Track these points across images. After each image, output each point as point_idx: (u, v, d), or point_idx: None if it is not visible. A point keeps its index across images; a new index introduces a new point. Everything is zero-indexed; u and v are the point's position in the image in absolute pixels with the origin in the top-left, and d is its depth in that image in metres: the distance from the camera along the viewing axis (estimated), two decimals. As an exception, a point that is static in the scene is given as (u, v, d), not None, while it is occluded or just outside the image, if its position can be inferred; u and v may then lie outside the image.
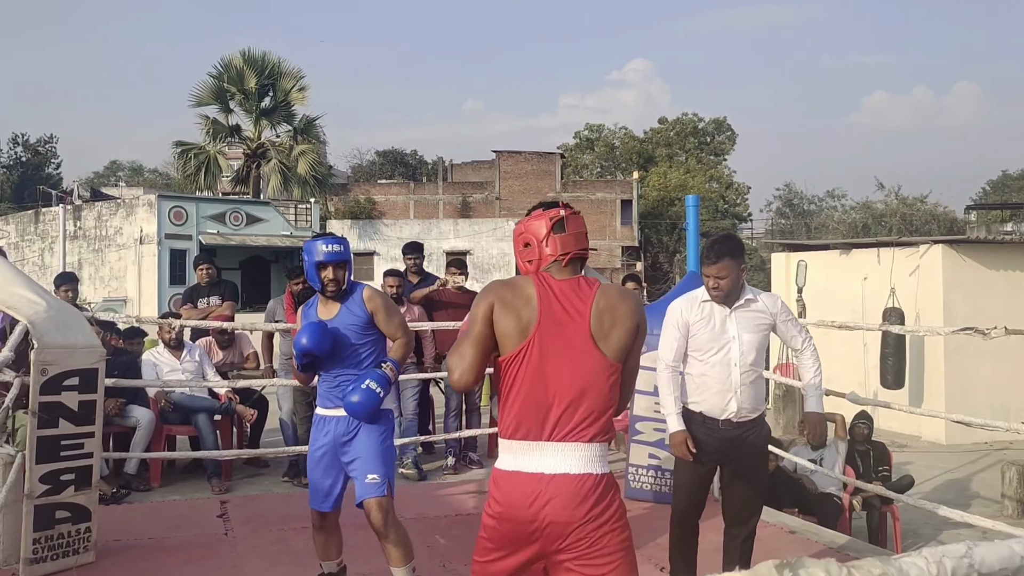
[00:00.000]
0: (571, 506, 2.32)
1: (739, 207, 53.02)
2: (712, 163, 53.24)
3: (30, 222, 30.28)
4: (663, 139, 54.04)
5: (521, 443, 2.39)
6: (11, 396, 4.50)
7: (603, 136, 56.74)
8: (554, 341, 2.41)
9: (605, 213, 44.96)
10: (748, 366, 3.87)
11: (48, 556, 4.27)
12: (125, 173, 66.46)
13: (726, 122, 54.93)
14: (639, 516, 5.48)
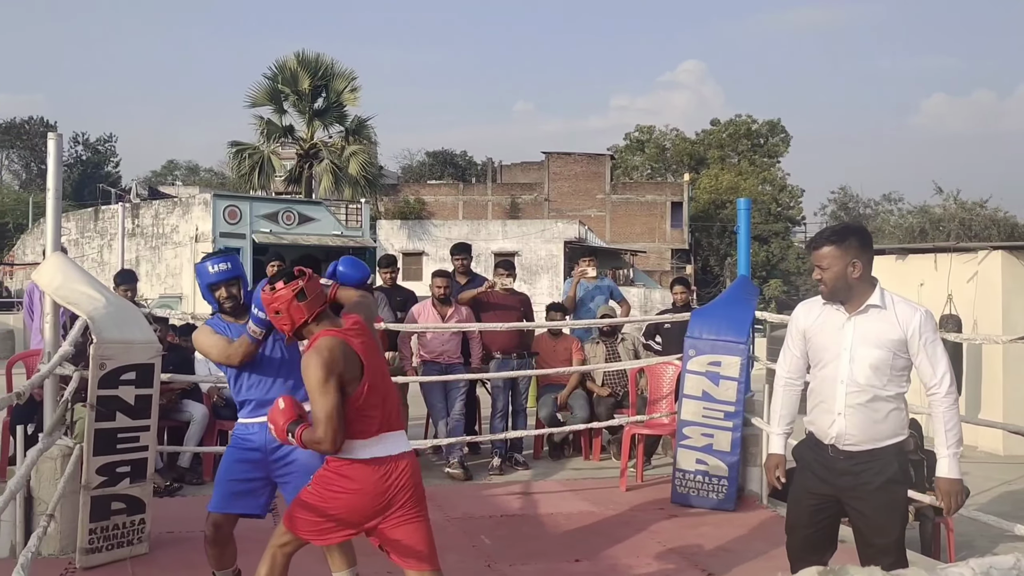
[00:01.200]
0: None
1: (792, 210, 52.35)
2: (765, 165, 52.63)
3: (90, 219, 31.05)
4: (715, 141, 53.56)
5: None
6: (70, 389, 4.62)
7: (654, 138, 56.42)
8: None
9: (655, 215, 44.70)
10: (859, 385, 3.23)
11: (103, 546, 4.39)
12: (181, 172, 67.82)
13: (780, 124, 54.31)
14: (684, 522, 5.45)
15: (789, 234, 51.08)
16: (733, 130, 53.79)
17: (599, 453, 7.47)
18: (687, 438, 5.90)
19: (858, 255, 3.23)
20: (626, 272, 38.14)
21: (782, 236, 48.99)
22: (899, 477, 3.27)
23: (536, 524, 5.39)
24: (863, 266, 3.23)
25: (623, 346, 7.77)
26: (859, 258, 3.23)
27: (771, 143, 54.35)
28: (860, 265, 3.22)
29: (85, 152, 55.23)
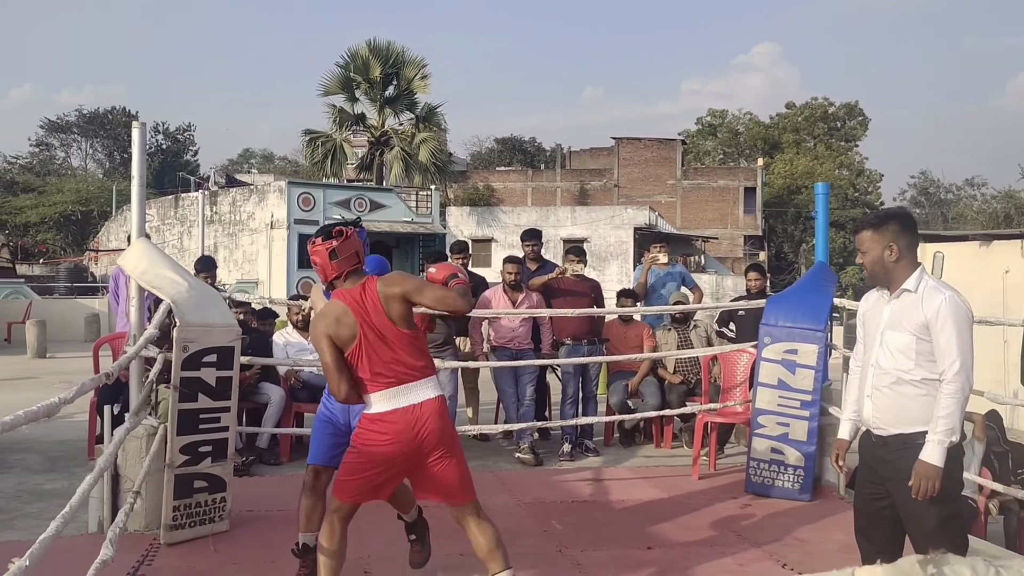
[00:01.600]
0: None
1: (870, 195, 51.04)
2: (842, 149, 51.36)
3: (170, 207, 31.92)
4: (790, 124, 52.44)
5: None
6: (155, 371, 4.77)
7: (727, 122, 55.52)
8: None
9: (727, 201, 44.01)
10: (883, 368, 3.26)
11: (186, 523, 4.52)
12: (257, 160, 69.25)
13: (858, 107, 52.92)
14: (759, 512, 5.38)
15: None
16: (809, 113, 52.59)
17: (671, 441, 7.42)
18: (762, 427, 5.81)
19: (895, 239, 3.27)
20: (697, 259, 37.68)
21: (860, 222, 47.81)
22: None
23: (607, 510, 5.38)
24: (899, 250, 3.27)
25: (695, 333, 7.68)
26: (896, 242, 3.27)
27: (848, 126, 53.00)
28: (897, 249, 3.26)
29: (165, 141, 56.75)
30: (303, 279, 27.18)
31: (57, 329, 17.97)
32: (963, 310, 3.20)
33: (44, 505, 5.37)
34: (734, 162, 51.55)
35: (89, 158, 57.28)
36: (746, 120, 55.31)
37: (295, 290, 26.44)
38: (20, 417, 2.25)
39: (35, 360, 15.31)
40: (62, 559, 3.74)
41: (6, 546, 4.39)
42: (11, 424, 2.20)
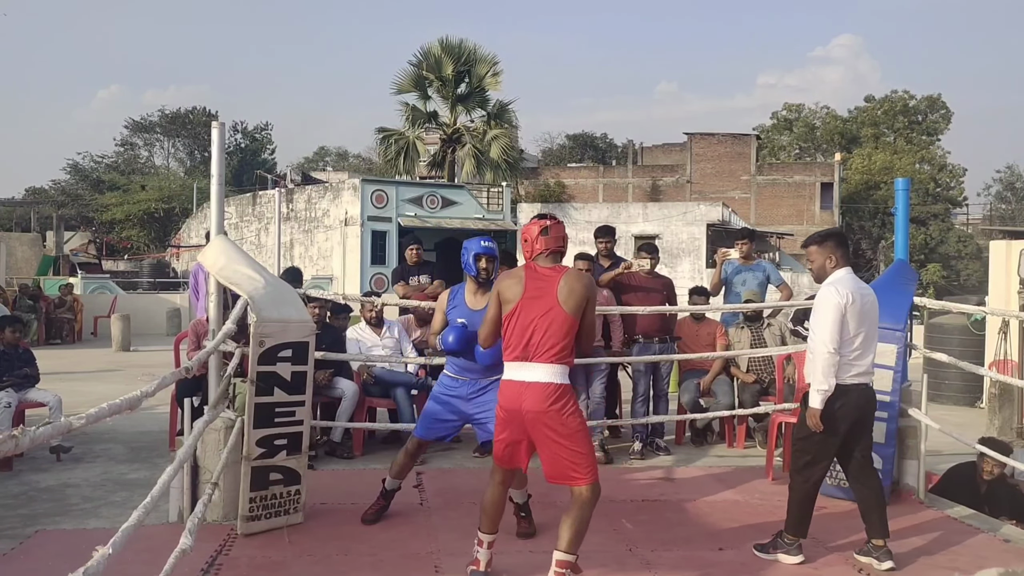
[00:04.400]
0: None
1: (953, 191, 49.42)
2: (923, 143, 49.82)
3: (248, 204, 32.67)
4: (869, 118, 51.06)
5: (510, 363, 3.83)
6: (232, 365, 4.89)
7: (803, 116, 54.36)
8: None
9: (803, 197, 43.10)
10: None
11: (262, 515, 4.62)
12: (332, 158, 70.31)
13: (940, 99, 51.25)
14: (834, 515, 5.25)
15: (949, 216, 48.28)
16: (888, 107, 51.14)
17: (743, 441, 7.30)
18: (838, 428, 5.67)
19: (832, 252, 4.44)
20: (772, 256, 37.00)
21: (941, 218, 46.34)
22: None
23: (678, 510, 5.33)
24: (836, 259, 4.43)
25: (769, 331, 7.54)
26: (833, 254, 4.43)
27: (930, 120, 51.38)
28: (834, 259, 4.43)
29: (244, 140, 58.02)
30: (376, 275, 27.56)
31: (141, 323, 18.57)
32: (827, 298, 4.35)
33: (127, 494, 5.55)
34: (810, 157, 50.45)
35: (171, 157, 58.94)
36: (823, 114, 54.07)
37: (369, 286, 26.83)
38: (104, 410, 2.32)
39: (120, 353, 15.84)
40: (144, 547, 3.86)
41: (92, 533, 4.56)
42: (96, 416, 2.27)
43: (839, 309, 4.30)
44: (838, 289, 4.33)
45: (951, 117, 51.54)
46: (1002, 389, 9.65)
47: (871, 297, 4.47)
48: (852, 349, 4.36)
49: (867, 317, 4.40)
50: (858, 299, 4.36)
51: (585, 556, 4.20)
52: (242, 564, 4.18)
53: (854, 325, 4.34)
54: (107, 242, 40.02)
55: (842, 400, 4.35)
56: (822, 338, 4.31)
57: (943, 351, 7.63)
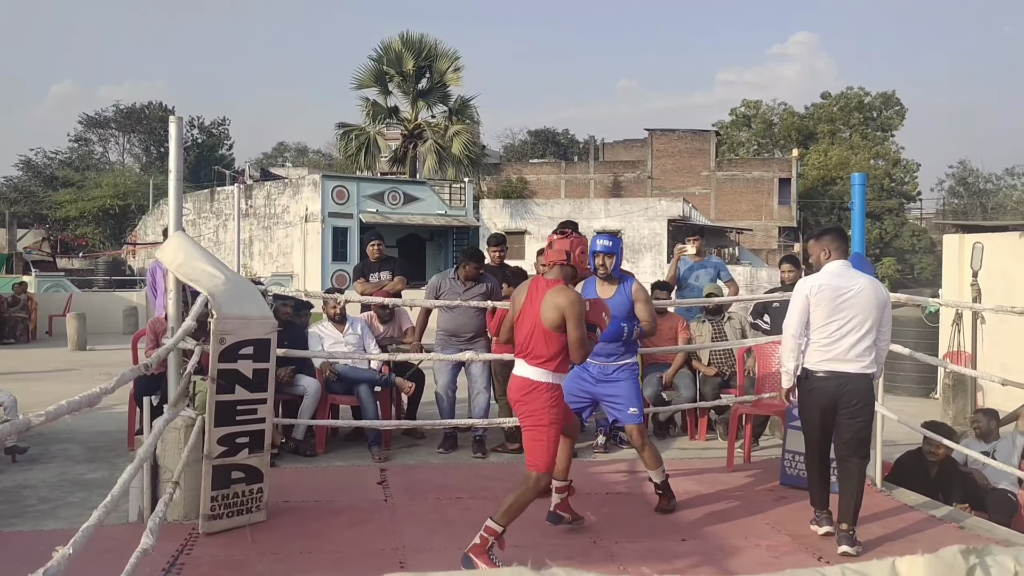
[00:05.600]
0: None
1: (907, 186, 50.26)
2: (878, 139, 50.60)
3: (206, 200, 32.27)
4: (825, 115, 51.75)
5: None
6: (192, 363, 4.83)
7: (761, 112, 54.94)
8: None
9: (761, 192, 43.58)
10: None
11: (224, 513, 4.58)
12: (291, 154, 69.66)
13: (895, 96, 52.08)
14: (794, 504, 5.33)
15: (903, 211, 49.10)
16: (844, 103, 51.86)
17: (705, 433, 7.38)
18: (797, 419, 5.75)
19: (828, 245, 4.65)
20: (731, 251, 37.38)
21: (896, 213, 47.13)
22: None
23: (641, 502, 5.37)
24: (830, 252, 4.64)
25: (730, 325, 7.63)
26: (828, 247, 4.65)
27: (884, 116, 52.20)
28: (828, 251, 4.65)
29: (200, 135, 57.25)
30: (338, 272, 27.40)
31: (96, 322, 18.25)
32: (796, 287, 4.73)
33: (86, 495, 5.47)
34: (768, 153, 50.99)
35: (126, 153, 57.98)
36: (780, 111, 54.68)
37: (330, 283, 26.66)
38: (63, 407, 2.29)
39: (75, 352, 15.57)
40: (104, 548, 3.80)
41: (50, 535, 4.48)
42: (55, 414, 2.24)
43: (802, 298, 4.57)
44: (810, 280, 4.61)
45: (905, 113, 52.45)
46: (956, 380, 9.86)
47: (863, 289, 4.55)
48: (823, 335, 4.53)
49: (850, 307, 4.51)
50: (829, 289, 4.50)
51: (550, 548, 4.23)
52: (204, 563, 4.14)
53: (825, 313, 4.51)
54: (61, 239, 39.30)
55: (812, 385, 4.60)
56: (786, 323, 4.65)
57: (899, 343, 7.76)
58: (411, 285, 8.40)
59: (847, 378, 4.53)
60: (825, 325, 4.52)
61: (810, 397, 4.64)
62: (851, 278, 4.59)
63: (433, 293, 6.95)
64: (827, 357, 4.54)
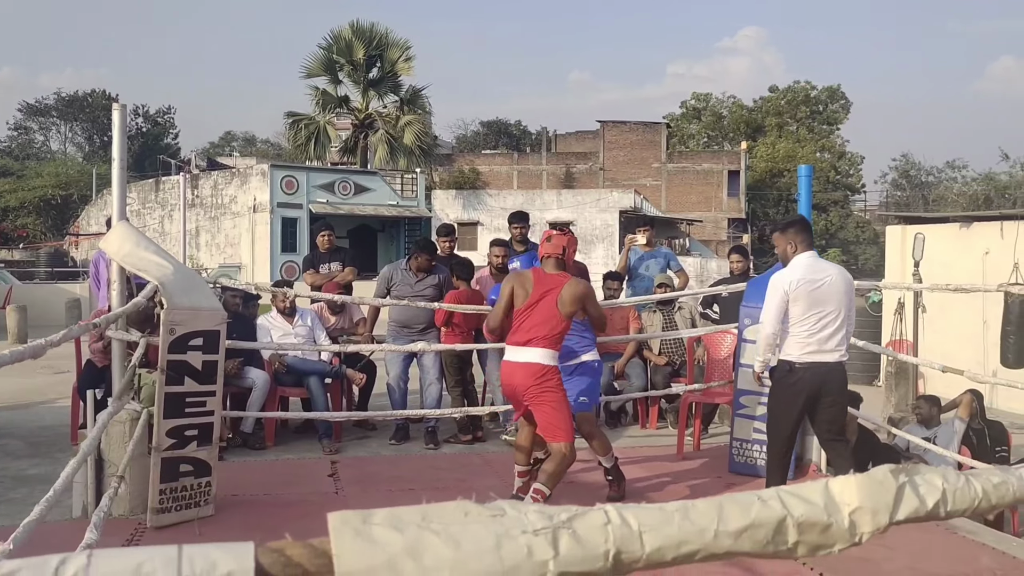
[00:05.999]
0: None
1: (852, 178, 51.18)
2: (824, 133, 51.44)
3: (151, 190, 31.69)
4: (773, 108, 52.44)
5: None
6: (137, 355, 4.74)
7: (710, 105, 55.48)
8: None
9: (711, 184, 44.08)
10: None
11: (172, 507, 4.51)
12: (239, 143, 68.63)
13: (840, 90, 52.92)
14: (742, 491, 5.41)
15: (848, 203, 49.99)
16: (791, 97, 52.58)
17: (656, 421, 7.45)
18: (745, 407, 5.85)
19: (793, 238, 4.71)
20: (682, 241, 37.74)
21: (841, 205, 47.98)
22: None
23: (593, 491, 5.40)
24: (797, 245, 4.69)
25: (680, 315, 7.71)
26: (794, 240, 4.70)
27: (830, 110, 53.05)
28: (795, 244, 4.69)
29: (145, 124, 56.15)
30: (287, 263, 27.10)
31: (38, 314, 17.82)
32: (773, 282, 4.73)
33: (27, 491, 5.34)
34: (718, 146, 51.56)
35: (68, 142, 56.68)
36: (729, 104, 55.28)
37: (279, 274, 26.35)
38: (5, 356, 2.22)
39: (16, 345, 15.17)
40: (46, 544, 3.71)
41: (-10, 531, 4.37)
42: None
43: (781, 292, 4.62)
44: (785, 274, 4.65)
45: (850, 107, 53.33)
46: (898, 367, 10.09)
47: (834, 279, 4.66)
48: (804, 329, 4.61)
49: (826, 298, 4.60)
50: (806, 283, 4.58)
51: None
52: (151, 558, 4.06)
53: (803, 306, 4.59)
54: (1, 230, 38.25)
55: (796, 376, 4.67)
56: (764, 318, 4.76)
57: (844, 332, 7.92)
58: (362, 276, 8.32)
59: (828, 368, 4.66)
60: (805, 319, 4.59)
61: (794, 388, 4.69)
62: (823, 270, 4.70)
63: (385, 284, 6.91)
64: (810, 350, 4.61)
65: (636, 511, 0.87)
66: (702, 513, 0.92)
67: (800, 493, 0.97)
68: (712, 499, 0.96)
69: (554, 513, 0.84)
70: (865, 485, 0.99)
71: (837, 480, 0.98)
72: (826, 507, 0.96)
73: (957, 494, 1.02)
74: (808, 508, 0.96)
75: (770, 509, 0.95)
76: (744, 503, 0.95)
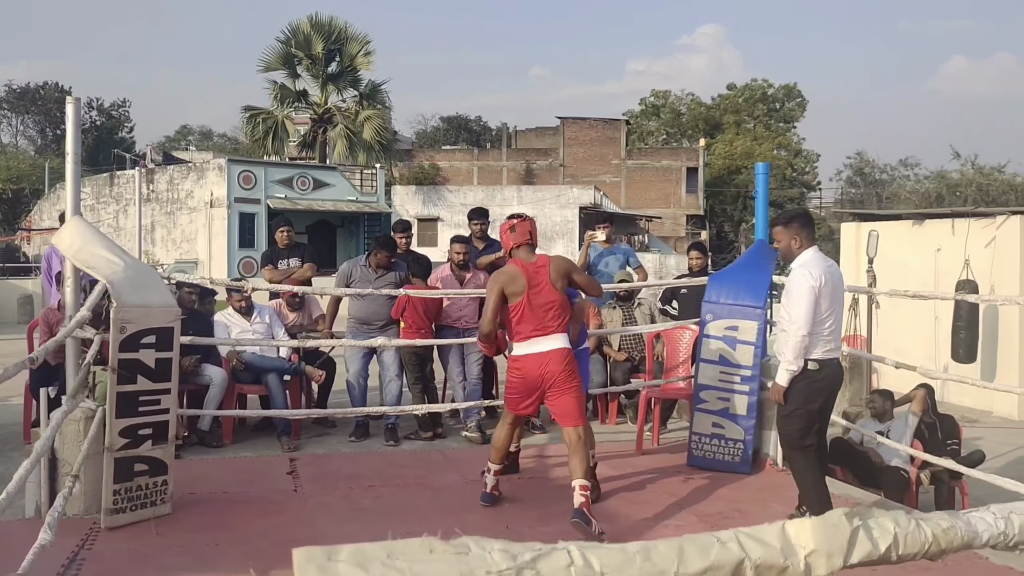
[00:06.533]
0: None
1: (808, 175, 51.89)
2: (781, 130, 52.07)
3: (105, 185, 31.13)
4: (731, 106, 52.98)
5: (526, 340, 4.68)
6: (92, 353, 4.66)
7: (669, 103, 55.88)
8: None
9: (670, 181, 44.42)
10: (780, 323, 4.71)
11: (127, 507, 4.44)
12: (195, 137, 67.72)
13: (796, 88, 53.65)
14: (701, 485, 5.48)
15: (804, 199, 50.67)
16: (749, 95, 53.16)
17: (615, 417, 7.50)
18: (704, 402, 5.91)
19: (798, 233, 4.54)
20: (641, 238, 38.00)
21: (797, 201, 48.60)
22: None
23: (553, 487, 5.43)
24: (801, 240, 4.54)
25: (640, 311, 7.76)
26: (798, 235, 4.54)
27: (787, 108, 53.72)
28: (799, 239, 4.54)
29: (99, 118, 55.14)
30: (245, 259, 26.82)
31: (-11, 311, 17.46)
32: (800, 281, 4.43)
33: (-22, 491, 5.23)
34: (677, 143, 51.95)
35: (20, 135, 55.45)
36: (688, 101, 55.74)
37: (236, 271, 26.07)
38: None
39: (-34, 343, 14.85)
40: (-2, 545, 3.66)
41: (-62, 533, 4.28)
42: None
43: (813, 292, 4.39)
44: (811, 272, 4.41)
45: (806, 105, 54.06)
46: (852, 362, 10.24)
47: (839, 273, 4.61)
48: (827, 327, 4.48)
49: (836, 294, 4.52)
50: (828, 279, 4.45)
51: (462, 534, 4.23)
52: (107, 558, 4.01)
53: (827, 304, 4.45)
54: (-51, 225, 37.33)
55: (822, 374, 4.50)
56: (796, 321, 4.40)
57: (800, 327, 8.03)
58: (321, 272, 8.27)
59: (839, 364, 4.62)
60: (827, 316, 4.47)
61: (818, 387, 4.52)
62: (832, 264, 4.63)
63: (344, 281, 6.87)
64: (830, 347, 4.52)
65: (598, 552, 0.88)
66: (662, 555, 0.94)
67: (757, 535, 0.99)
68: (672, 541, 0.98)
69: (518, 552, 0.85)
70: (820, 528, 1.02)
71: (793, 523, 1.00)
72: (783, 550, 0.98)
73: (908, 538, 1.05)
74: (765, 551, 0.98)
75: (728, 551, 0.97)
76: (703, 545, 0.97)
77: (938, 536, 1.08)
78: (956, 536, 1.10)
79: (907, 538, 1.05)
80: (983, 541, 1.26)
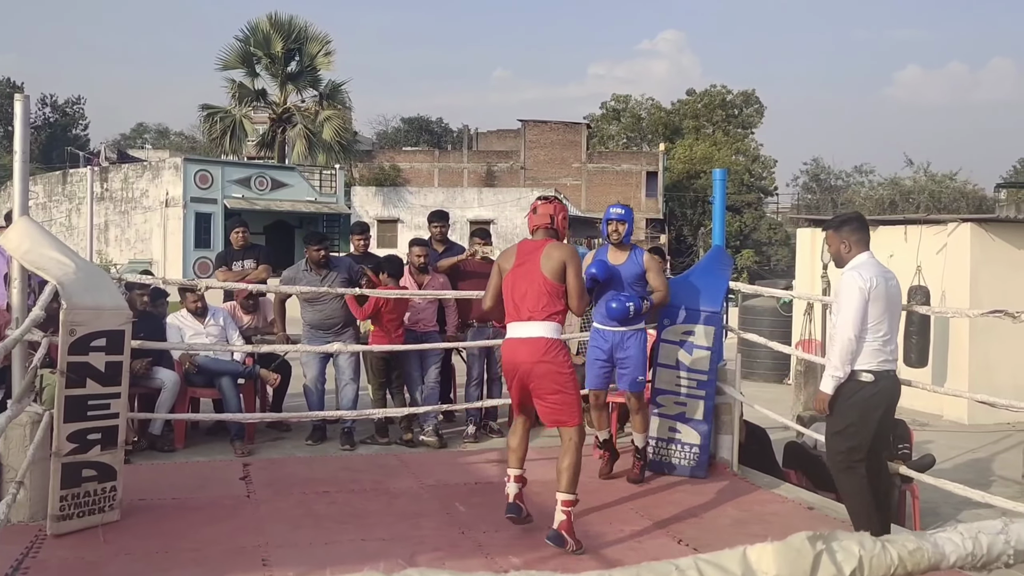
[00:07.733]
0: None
1: (765, 181, 52.48)
2: (739, 136, 52.64)
3: (58, 183, 30.55)
4: (690, 111, 53.45)
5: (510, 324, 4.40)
6: (39, 356, 4.56)
7: (630, 107, 56.22)
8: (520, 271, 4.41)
9: (630, 185, 44.68)
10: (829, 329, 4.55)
11: (74, 513, 4.35)
12: (151, 136, 66.75)
13: (755, 95, 54.25)
14: (657, 489, 5.50)
15: (762, 205, 51.27)
16: (708, 100, 53.67)
17: (573, 421, 7.49)
18: (661, 406, 5.94)
19: (847, 237, 4.33)
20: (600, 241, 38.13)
21: (755, 207, 49.16)
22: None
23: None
24: (851, 244, 4.33)
25: (597, 315, 7.77)
26: (848, 239, 4.33)
27: (745, 114, 54.33)
28: (848, 244, 4.33)
29: (53, 114, 54.14)
30: (200, 259, 26.46)
31: (-66, 311, 17.02)
32: (850, 283, 4.21)
33: (-81, 497, 5.09)
34: (637, 147, 52.28)
35: (-32, 131, 54.19)
36: (648, 105, 56.13)
37: (192, 271, 25.73)
38: None
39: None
40: (-62, 554, 3.55)
41: None
42: None
43: (863, 294, 4.14)
44: (861, 274, 4.18)
45: (764, 111, 54.72)
46: (807, 367, 10.37)
47: (895, 281, 4.37)
48: (880, 335, 4.20)
49: (892, 301, 4.27)
50: (882, 283, 4.20)
51: (418, 540, 4.22)
52: (52, 566, 3.92)
53: (879, 310, 4.18)
54: None
55: (876, 387, 4.20)
56: (844, 324, 4.16)
57: (755, 332, 8.12)
58: (277, 274, 8.16)
59: (896, 376, 4.34)
60: (879, 323, 4.19)
61: (875, 400, 4.21)
62: (887, 270, 4.37)
63: (289, 284, 6.79)
64: (885, 358, 4.23)
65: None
66: (618, 585, 0.92)
67: (717, 562, 0.97)
68: (629, 568, 0.96)
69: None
70: (783, 553, 1.00)
71: (755, 548, 0.98)
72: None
73: (874, 561, 1.04)
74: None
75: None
76: (661, 574, 0.95)
77: (904, 558, 1.07)
78: (923, 558, 1.09)
79: (872, 561, 1.04)
80: (951, 563, 1.26)
